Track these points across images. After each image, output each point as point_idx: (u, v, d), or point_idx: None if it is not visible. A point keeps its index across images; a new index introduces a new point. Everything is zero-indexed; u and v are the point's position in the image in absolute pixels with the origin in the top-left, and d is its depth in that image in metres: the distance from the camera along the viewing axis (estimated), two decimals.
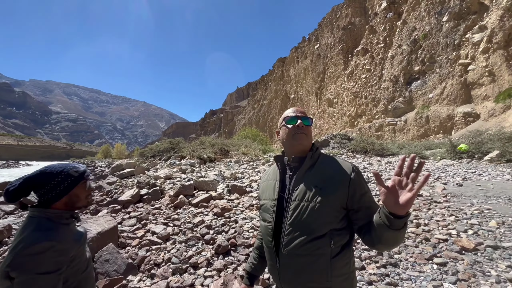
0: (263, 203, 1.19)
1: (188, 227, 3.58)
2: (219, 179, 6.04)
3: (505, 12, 21.80)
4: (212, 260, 2.76)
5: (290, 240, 1.01)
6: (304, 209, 1.01)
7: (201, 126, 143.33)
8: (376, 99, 35.36)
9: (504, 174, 6.24)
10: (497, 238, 2.98)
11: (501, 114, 20.61)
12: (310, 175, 1.07)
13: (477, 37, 24.34)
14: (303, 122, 1.12)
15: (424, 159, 9.73)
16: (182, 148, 12.74)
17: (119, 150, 55.70)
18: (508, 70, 21.46)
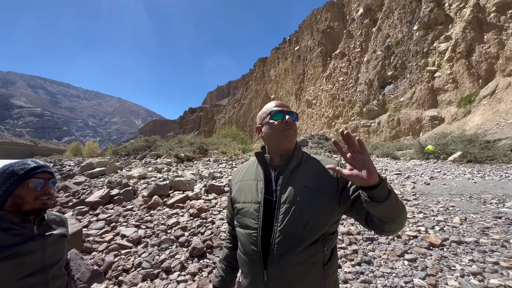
0: (242, 207, 1.03)
1: (161, 229, 3.40)
2: (196, 178, 5.87)
3: (467, 24, 23.69)
4: (186, 263, 2.64)
5: (282, 249, 0.90)
6: (296, 212, 0.91)
7: (179, 124, 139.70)
8: (352, 102, 36.77)
9: (466, 173, 6.75)
10: (461, 233, 3.18)
11: (463, 118, 22.41)
12: (298, 175, 0.98)
13: (443, 47, 26.24)
14: (291, 117, 1.03)
15: (396, 160, 10.25)
16: (159, 146, 12.27)
17: (90, 148, 52.61)
18: (469, 78, 23.36)
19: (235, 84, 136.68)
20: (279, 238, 0.90)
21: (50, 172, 1.12)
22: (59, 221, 1.22)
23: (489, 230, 3.21)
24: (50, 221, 1.18)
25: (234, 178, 1.19)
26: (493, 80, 21.70)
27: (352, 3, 44.72)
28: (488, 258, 2.52)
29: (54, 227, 1.16)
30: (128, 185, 5.19)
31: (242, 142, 17.34)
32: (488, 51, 22.19)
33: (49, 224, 1.16)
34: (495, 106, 19.91)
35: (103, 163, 9.44)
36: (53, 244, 1.10)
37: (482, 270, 2.30)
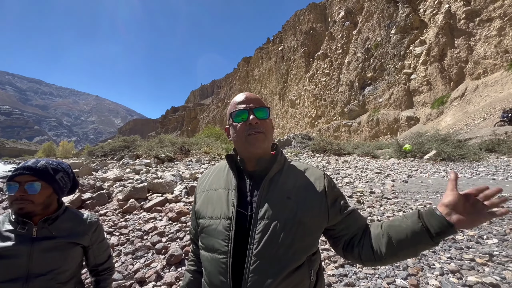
0: (208, 224, 0.81)
1: (137, 236, 3.19)
2: (176, 180, 5.64)
3: (440, 30, 25.03)
4: (162, 272, 2.47)
5: (258, 278, 0.70)
6: (278, 229, 0.73)
7: (161, 124, 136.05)
8: (334, 102, 37.66)
9: (440, 171, 7.05)
10: None
11: (436, 119, 23.68)
12: (279, 184, 0.81)
13: (418, 50, 27.55)
14: (256, 116, 0.81)
15: (376, 158, 10.56)
16: (138, 146, 11.78)
17: (65, 148, 49.93)
18: (441, 80, 24.71)
19: (219, 83, 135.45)
20: (255, 265, 0.71)
21: (30, 174, 1.00)
22: (83, 225, 1.13)
23: None
24: (69, 225, 1.08)
25: (200, 186, 0.96)
26: (463, 83, 23.12)
27: (334, 6, 45.78)
28: (465, 255, 2.59)
29: (65, 232, 1.05)
30: (102, 188, 4.87)
31: (225, 141, 17.13)
32: (459, 55, 23.60)
33: (63, 227, 1.06)
34: (465, 107, 21.20)
35: (76, 165, 8.89)
36: (44, 252, 0.99)
37: (460, 268, 2.34)
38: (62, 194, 1.12)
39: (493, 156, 8.44)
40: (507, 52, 20.25)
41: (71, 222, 1.11)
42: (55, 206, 1.09)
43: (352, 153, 12.06)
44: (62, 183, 1.08)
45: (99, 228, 1.18)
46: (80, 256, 1.12)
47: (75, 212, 1.18)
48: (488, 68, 21.31)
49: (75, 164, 9.35)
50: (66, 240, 1.05)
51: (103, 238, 1.21)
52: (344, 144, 13.33)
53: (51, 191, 1.05)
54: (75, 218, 1.13)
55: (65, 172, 1.11)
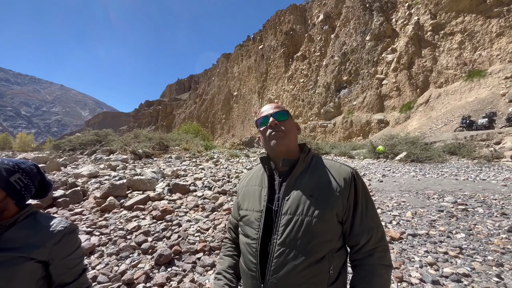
0: (245, 214, 0.96)
1: (120, 235, 3.02)
2: (158, 177, 5.43)
3: (409, 39, 26.82)
4: (152, 273, 2.37)
5: (280, 264, 0.81)
6: (298, 225, 0.82)
7: (134, 118, 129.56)
8: (311, 103, 38.73)
9: (410, 171, 7.60)
10: (414, 226, 3.52)
11: (404, 122, 25.42)
12: (304, 182, 0.89)
13: (390, 57, 29.29)
14: (276, 118, 0.94)
15: (351, 158, 11.05)
16: (111, 141, 11.11)
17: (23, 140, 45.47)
18: (409, 87, 26.55)
19: (197, 79, 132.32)
20: (278, 252, 0.82)
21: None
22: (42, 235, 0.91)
23: (435, 222, 3.62)
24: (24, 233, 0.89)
25: (242, 182, 1.12)
26: (428, 90, 25.06)
27: (314, 9, 46.93)
28: (439, 248, 2.83)
29: (15, 243, 0.86)
30: (76, 185, 4.53)
31: (204, 138, 16.83)
32: (425, 64, 25.52)
33: (17, 236, 0.87)
34: (429, 113, 23.02)
35: (42, 159, 8.15)
36: None
37: (436, 260, 2.55)
38: (22, 198, 0.95)
39: (454, 158, 9.30)
40: (466, 64, 22.34)
41: (28, 231, 0.92)
42: (11, 212, 0.92)
43: (329, 153, 12.52)
44: (19, 186, 0.93)
45: (66, 240, 0.95)
46: (37, 273, 0.90)
47: (40, 218, 0.98)
48: (450, 77, 23.34)
49: (39, 158, 8.57)
50: (15, 254, 0.85)
51: (71, 253, 0.96)
52: (321, 144, 13.80)
53: (4, 195, 0.90)
54: (35, 226, 0.93)
55: (24, 173, 0.96)
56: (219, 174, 6.11)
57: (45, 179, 1.06)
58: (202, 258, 2.64)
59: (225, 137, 62.09)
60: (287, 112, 0.98)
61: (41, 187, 1.05)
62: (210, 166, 7.13)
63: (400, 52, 27.64)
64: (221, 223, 3.47)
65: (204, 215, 3.76)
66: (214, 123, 71.57)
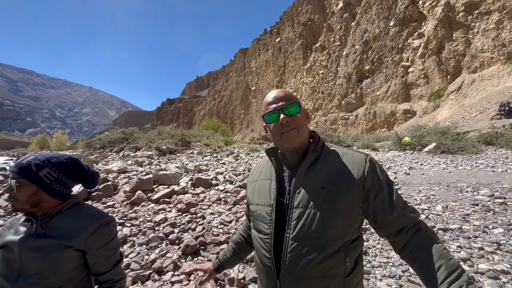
0: (255, 209, 0.93)
1: (148, 227, 3.20)
2: (181, 172, 5.63)
3: (439, 22, 24.93)
4: (179, 262, 2.49)
5: (295, 259, 0.79)
6: (311, 218, 0.79)
7: (157, 116, 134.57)
8: (332, 95, 37.62)
9: (440, 163, 7.16)
10: (445, 221, 3.34)
11: (432, 112, 23.88)
12: (315, 173, 0.84)
13: (416, 43, 27.48)
14: (287, 113, 0.86)
15: (375, 151, 10.66)
16: (137, 138, 11.68)
17: (59, 140, 49.25)
18: (439, 73, 24.80)
19: (215, 75, 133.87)
20: (292, 247, 0.80)
21: (14, 171, 0.94)
22: (80, 225, 0.98)
23: (469, 217, 3.40)
24: (65, 223, 0.98)
25: (250, 177, 1.08)
26: (460, 76, 23.25)
27: None
28: (473, 243, 2.66)
29: (57, 231, 0.96)
30: (107, 180, 4.83)
31: (224, 134, 17.08)
32: (456, 48, 23.63)
33: (58, 225, 0.97)
34: (461, 100, 21.40)
35: (76, 157, 8.78)
36: (31, 251, 0.91)
37: (470, 256, 2.41)
38: (54, 191, 0.99)
39: (491, 149, 8.60)
40: (504, 46, 20.35)
41: (69, 220, 0.99)
42: (51, 203, 0.99)
43: (351, 146, 12.15)
44: (49, 179, 0.98)
45: (102, 231, 1.01)
46: (74, 261, 0.97)
47: (82, 209, 1.05)
48: (485, 61, 21.42)
49: (74, 156, 9.23)
50: (56, 241, 0.93)
51: (106, 243, 1.01)
52: (343, 137, 13.41)
53: (36, 189, 0.95)
54: (75, 216, 1.00)
55: (54, 167, 1.00)
56: (240, 169, 6.19)
57: (85, 170, 1.11)
58: None
59: (244, 132, 62.50)
60: (298, 104, 0.88)
61: (85, 178, 1.11)
62: (230, 161, 7.24)
63: (428, 36, 25.81)
64: (243, 216, 3.53)
65: (227, 208, 3.85)
66: (233, 119, 72.24)
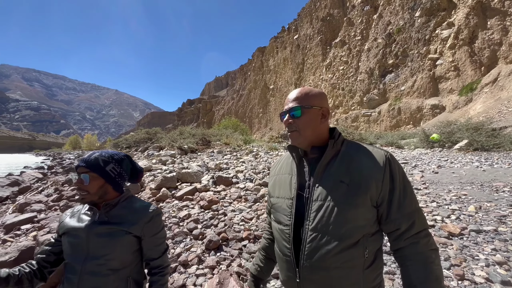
0: (276, 202, 0.99)
1: (173, 222, 3.35)
2: (203, 170, 5.79)
3: (471, 10, 23.19)
4: (203, 256, 2.59)
5: (314, 249, 0.82)
6: (329, 211, 0.82)
7: (178, 116, 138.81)
8: (353, 91, 36.46)
9: (473, 161, 6.70)
10: (478, 222, 3.13)
11: (464, 106, 22.29)
12: (333, 168, 0.87)
13: (445, 33, 25.77)
14: (291, 115, 0.93)
15: (400, 149, 10.21)
16: (160, 138, 12.16)
17: (89, 141, 52.56)
18: (471, 65, 23.08)
19: (233, 75, 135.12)
20: (310, 238, 0.83)
21: (84, 166, 1.09)
22: (137, 214, 1.12)
23: (506, 218, 3.17)
24: (123, 212, 1.11)
25: (272, 171, 1.14)
26: (496, 67, 21.47)
27: None
28: (510, 246, 2.48)
29: (118, 219, 1.09)
30: None
31: (243, 133, 17.24)
32: (491, 37, 21.83)
33: (118, 214, 1.10)
34: (497, 93, 19.75)
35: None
36: (98, 236, 1.04)
37: (506, 260, 2.26)
38: (117, 184, 1.14)
39: None
40: None
41: (127, 210, 1.12)
42: (112, 195, 1.13)
43: (374, 144, 11.73)
44: (113, 173, 1.12)
45: (154, 220, 1.14)
46: (133, 246, 1.10)
47: (136, 201, 1.18)
48: None
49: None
50: (118, 227, 1.06)
51: (157, 232, 1.15)
52: (365, 135, 12.97)
53: (103, 182, 1.09)
54: (131, 207, 1.14)
55: (117, 163, 1.15)
56: (259, 167, 6.24)
57: (136, 166, 1.25)
58: (248, 245, 2.78)
59: (263, 131, 62.56)
60: (301, 107, 0.91)
61: (133, 173, 1.24)
62: (250, 159, 7.31)
63: (458, 26, 24.11)
64: (264, 213, 3.57)
65: (247, 205, 3.91)
66: (252, 118, 72.56)
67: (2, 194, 6.58)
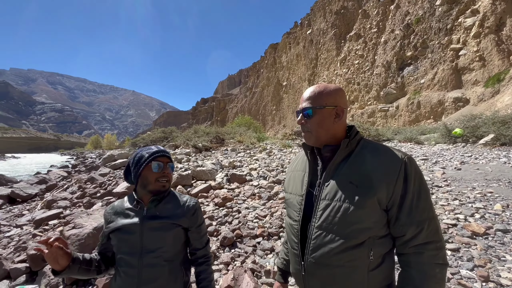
0: (288, 198, 1.03)
1: None
2: (217, 168, 5.88)
3: None
4: (218, 253, 2.64)
5: (318, 246, 0.84)
6: (335, 210, 0.83)
7: (192, 115, 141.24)
8: (369, 85, 35.38)
9: (500, 157, 6.32)
10: (505, 221, 2.96)
11: (490, 99, 20.99)
12: (345, 168, 0.87)
13: (469, 22, 24.30)
14: (304, 115, 0.93)
15: (420, 144, 9.82)
16: (176, 137, 12.44)
17: (109, 140, 54.66)
18: (498, 54, 21.66)
19: (246, 72, 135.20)
20: (316, 235, 0.86)
21: (168, 156, 1.17)
22: (183, 208, 1.17)
23: None
24: (170, 206, 1.16)
25: (289, 167, 1.17)
26: None
27: None
28: None
29: (167, 213, 1.14)
30: None
31: (256, 130, 17.26)
32: None
33: (166, 208, 1.15)
34: None
35: (124, 155, 9.70)
36: (152, 230, 1.09)
37: None
38: None
39: None
40: None
41: (172, 204, 1.17)
42: None
43: (392, 139, 11.35)
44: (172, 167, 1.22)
45: (197, 212, 1.21)
46: (182, 237, 1.17)
47: (176, 194, 1.23)
48: None
49: (122, 154, 10.20)
50: (169, 221, 1.11)
51: (201, 223, 1.23)
52: (382, 130, 12.57)
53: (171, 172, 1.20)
54: (175, 201, 1.19)
55: None
56: (273, 165, 6.24)
57: None
58: (262, 242, 2.80)
59: (277, 128, 62.30)
60: (312, 108, 0.90)
61: None
62: (263, 157, 7.32)
63: (484, 13, 22.66)
64: (277, 211, 3.57)
65: (261, 203, 3.93)
66: (265, 115, 72.40)
67: (32, 191, 7.04)
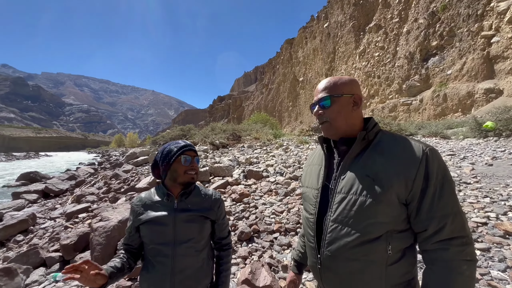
0: (305, 191, 1.03)
1: None
2: (234, 164, 5.95)
3: None
4: (235, 247, 2.69)
5: (333, 239, 0.84)
6: (351, 204, 0.81)
7: (209, 113, 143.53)
8: (390, 78, 33.89)
9: None
10: None
11: None
12: (361, 161, 0.85)
13: (503, 6, 22.40)
14: (321, 106, 0.92)
15: (446, 139, 9.30)
16: (194, 134, 12.72)
17: (131, 139, 57.07)
18: None
19: (262, 69, 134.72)
20: (331, 228, 0.85)
21: (195, 150, 1.23)
22: (209, 201, 1.24)
23: None
24: (198, 199, 1.22)
25: (307, 161, 1.17)
26: None
27: None
28: None
29: (196, 206, 1.20)
30: None
31: (272, 127, 17.20)
32: None
33: (194, 201, 1.21)
34: None
35: (145, 152, 10.10)
36: (184, 222, 1.14)
37: None
38: None
39: None
40: None
41: (200, 197, 1.23)
42: None
43: (415, 134, 10.84)
44: None
45: (222, 205, 1.29)
46: (209, 228, 1.23)
47: (201, 188, 1.29)
48: None
49: (144, 152, 10.62)
50: (199, 213, 1.17)
51: (225, 215, 1.31)
52: (405, 125, 12.03)
53: None
54: (201, 195, 1.24)
55: None
56: (290, 161, 6.20)
57: None
58: (279, 237, 2.80)
59: (293, 125, 61.65)
60: (330, 96, 0.90)
61: None
62: (280, 153, 7.29)
63: None
64: (294, 207, 3.56)
65: (278, 199, 3.93)
66: (281, 111, 71.88)
67: (63, 187, 7.56)
